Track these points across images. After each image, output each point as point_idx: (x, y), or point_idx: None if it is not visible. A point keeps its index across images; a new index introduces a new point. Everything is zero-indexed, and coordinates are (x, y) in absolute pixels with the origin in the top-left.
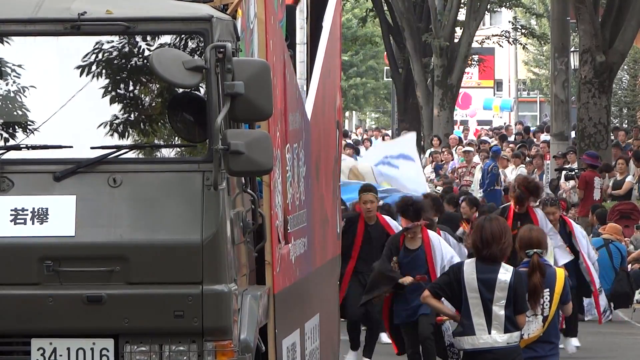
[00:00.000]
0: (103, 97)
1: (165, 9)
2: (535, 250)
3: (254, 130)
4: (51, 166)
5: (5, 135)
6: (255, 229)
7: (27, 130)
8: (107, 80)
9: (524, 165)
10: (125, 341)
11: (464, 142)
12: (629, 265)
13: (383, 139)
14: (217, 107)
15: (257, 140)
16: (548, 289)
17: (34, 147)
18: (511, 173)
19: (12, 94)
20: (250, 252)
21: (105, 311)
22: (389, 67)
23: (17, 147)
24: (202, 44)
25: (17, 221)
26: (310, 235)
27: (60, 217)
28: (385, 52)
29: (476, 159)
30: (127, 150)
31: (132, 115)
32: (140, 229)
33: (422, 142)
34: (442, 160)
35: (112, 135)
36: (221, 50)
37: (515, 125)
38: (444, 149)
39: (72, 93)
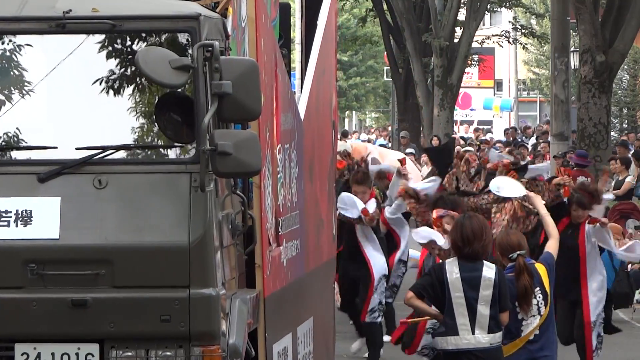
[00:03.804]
0: (88, 96)
1: (152, 7)
2: (518, 252)
3: (242, 130)
4: (35, 167)
5: None
6: (245, 231)
7: (11, 131)
8: (93, 80)
9: None
10: (110, 346)
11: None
12: (629, 266)
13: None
14: (205, 107)
15: (245, 141)
16: (538, 287)
17: (17, 148)
18: None
19: None
20: (239, 255)
21: (90, 315)
22: (389, 67)
23: None
24: (190, 43)
25: (0, 224)
26: (303, 238)
27: (44, 219)
28: (385, 52)
29: None
30: (112, 151)
31: (118, 116)
32: (126, 231)
33: (422, 143)
34: None
35: (97, 135)
36: (209, 49)
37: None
38: None
39: (56, 92)
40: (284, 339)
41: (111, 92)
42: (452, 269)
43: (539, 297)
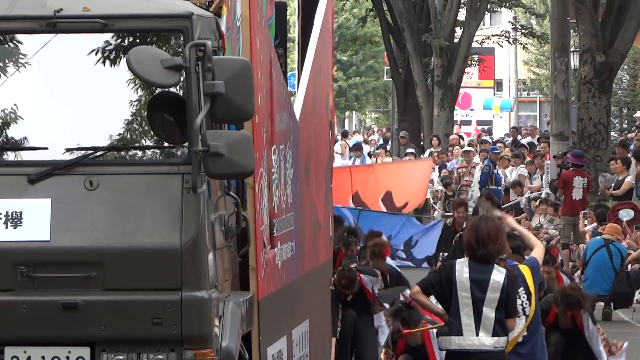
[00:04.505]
0: (79, 96)
1: (144, 5)
2: (500, 257)
3: (235, 131)
4: (25, 168)
5: None
6: (239, 233)
7: (1, 131)
8: (84, 80)
9: (524, 165)
10: (101, 349)
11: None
12: (629, 266)
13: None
14: (197, 107)
15: (237, 141)
16: (522, 288)
17: (7, 149)
18: (511, 173)
19: None
20: (233, 257)
21: (81, 318)
22: (389, 67)
23: None
24: (182, 42)
25: None
26: (298, 239)
27: (34, 221)
28: (385, 52)
29: (476, 159)
30: (104, 151)
31: (109, 116)
32: (117, 233)
33: (422, 142)
34: (448, 160)
35: (88, 136)
36: (201, 48)
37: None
38: (449, 149)
39: (47, 93)
40: (279, 342)
41: (102, 92)
42: (462, 269)
43: (523, 297)
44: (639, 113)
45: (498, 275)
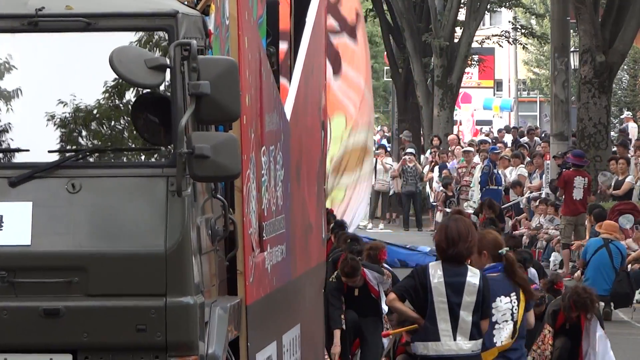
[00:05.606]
0: (61, 97)
1: (128, 4)
2: (505, 248)
3: (221, 133)
4: (6, 171)
5: None
6: (227, 237)
7: None
8: (66, 80)
9: (523, 165)
10: (84, 357)
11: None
12: (629, 266)
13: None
14: (182, 108)
15: (223, 143)
16: (514, 293)
17: None
18: (511, 173)
19: None
20: (220, 261)
21: (63, 325)
22: (389, 67)
23: None
24: (167, 41)
25: None
26: (289, 242)
27: (15, 224)
28: (385, 52)
29: (476, 159)
30: (86, 153)
31: (92, 117)
32: (100, 237)
33: (422, 142)
34: (447, 160)
35: (71, 138)
36: (186, 47)
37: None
38: (446, 150)
39: (28, 93)
40: (268, 348)
41: (85, 92)
42: (436, 273)
43: (514, 302)
44: (626, 113)
45: (473, 277)
